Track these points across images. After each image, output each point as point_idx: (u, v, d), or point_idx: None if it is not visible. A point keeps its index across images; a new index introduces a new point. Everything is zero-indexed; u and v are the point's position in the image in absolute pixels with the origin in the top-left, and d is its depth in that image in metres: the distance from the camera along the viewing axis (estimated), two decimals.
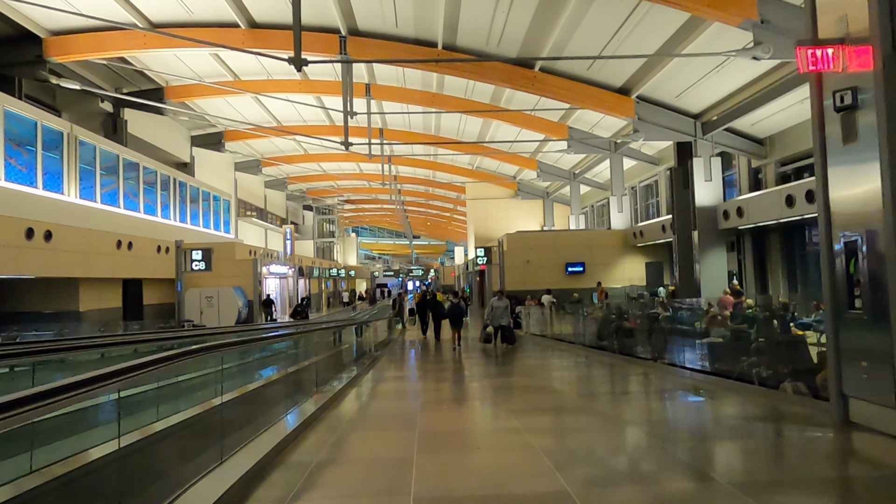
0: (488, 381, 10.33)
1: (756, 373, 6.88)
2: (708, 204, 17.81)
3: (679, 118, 18.15)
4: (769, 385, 6.62)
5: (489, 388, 9.39)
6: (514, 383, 10.00)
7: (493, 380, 10.49)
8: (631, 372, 10.01)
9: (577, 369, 11.45)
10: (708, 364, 8.29)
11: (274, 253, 28.46)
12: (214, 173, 31.44)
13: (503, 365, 12.30)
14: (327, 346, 10.27)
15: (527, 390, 9.07)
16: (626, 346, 11.23)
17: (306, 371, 7.96)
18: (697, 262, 17.83)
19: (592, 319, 13.54)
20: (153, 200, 22.90)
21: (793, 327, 13.13)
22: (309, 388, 7.58)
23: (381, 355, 13.92)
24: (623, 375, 9.97)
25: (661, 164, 24.47)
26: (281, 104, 26.10)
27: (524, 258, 24.40)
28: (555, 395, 8.62)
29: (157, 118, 25.50)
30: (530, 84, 17.80)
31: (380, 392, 9.27)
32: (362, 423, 6.84)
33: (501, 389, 9.17)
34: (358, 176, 40.32)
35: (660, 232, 21.31)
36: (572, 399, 8.35)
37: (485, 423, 7.12)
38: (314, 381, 7.83)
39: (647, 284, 24.09)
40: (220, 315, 22.68)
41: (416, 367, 13.09)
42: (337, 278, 44.46)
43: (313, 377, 7.89)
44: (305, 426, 5.93)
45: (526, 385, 9.70)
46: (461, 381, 10.59)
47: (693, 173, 17.90)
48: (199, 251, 18.07)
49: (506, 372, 11.47)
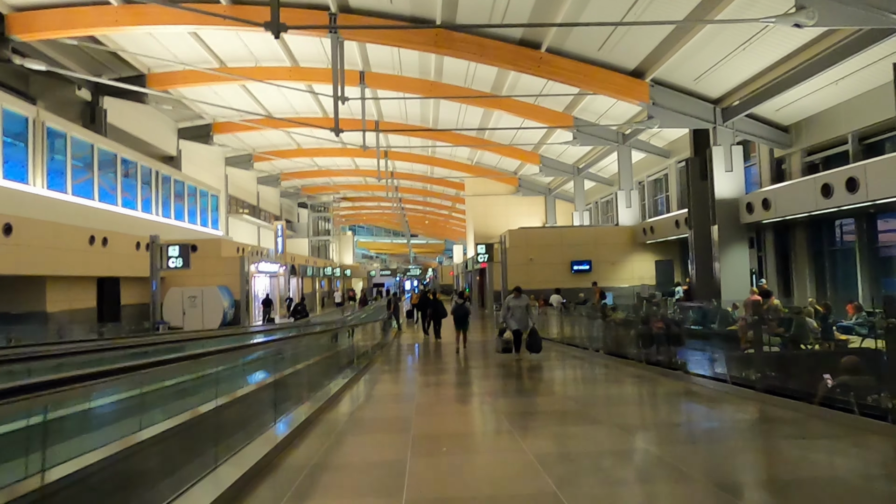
0: (500, 401, 8.27)
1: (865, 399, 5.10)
2: (729, 196, 16.27)
3: (697, 103, 16.61)
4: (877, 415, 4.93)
5: (502, 415, 7.27)
6: (534, 406, 7.90)
7: (506, 400, 8.48)
8: (673, 390, 8.18)
9: (606, 385, 9.66)
10: (772, 381, 6.64)
11: (264, 250, 26.85)
12: (203, 168, 29.86)
13: (515, 378, 10.40)
14: (294, 359, 8.62)
15: (553, 417, 6.98)
16: (652, 354, 9.69)
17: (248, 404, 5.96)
18: (717, 259, 16.30)
19: (610, 322, 11.97)
20: (132, 194, 21.32)
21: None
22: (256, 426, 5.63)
23: (371, 364, 12.09)
24: (669, 397, 7.97)
25: (672, 157, 22.96)
26: (270, 94, 24.55)
27: (527, 256, 22.86)
28: (595, 428, 6.29)
29: (140, 108, 23.91)
30: (536, 66, 16.25)
31: (357, 423, 6.86)
32: (327, 484, 4.65)
33: (518, 416, 7.15)
34: (354, 172, 38.74)
35: (673, 228, 19.78)
36: (620, 435, 5.95)
37: (504, 479, 4.65)
38: (257, 418, 5.81)
39: (656, 284, 22.55)
40: (205, 316, 21.11)
41: (410, 381, 10.97)
42: (332, 277, 42.86)
43: (264, 409, 6.05)
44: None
45: (550, 409, 7.64)
46: (465, 402, 8.80)
47: (712, 163, 16.37)
48: (176, 247, 16.46)
49: (520, 388, 9.55)
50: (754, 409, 6.54)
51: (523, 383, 9.92)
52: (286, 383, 6.80)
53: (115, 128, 22.86)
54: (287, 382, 6.75)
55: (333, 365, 9.40)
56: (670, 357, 9.51)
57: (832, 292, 15.52)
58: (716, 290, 16.28)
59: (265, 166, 36.39)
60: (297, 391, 6.99)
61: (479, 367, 12.05)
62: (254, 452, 4.78)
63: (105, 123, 22.11)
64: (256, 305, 25.49)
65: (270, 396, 6.17)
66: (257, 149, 32.60)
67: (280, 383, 6.41)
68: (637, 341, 9.92)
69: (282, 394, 6.34)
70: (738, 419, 6.44)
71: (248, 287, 22.66)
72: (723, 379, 7.35)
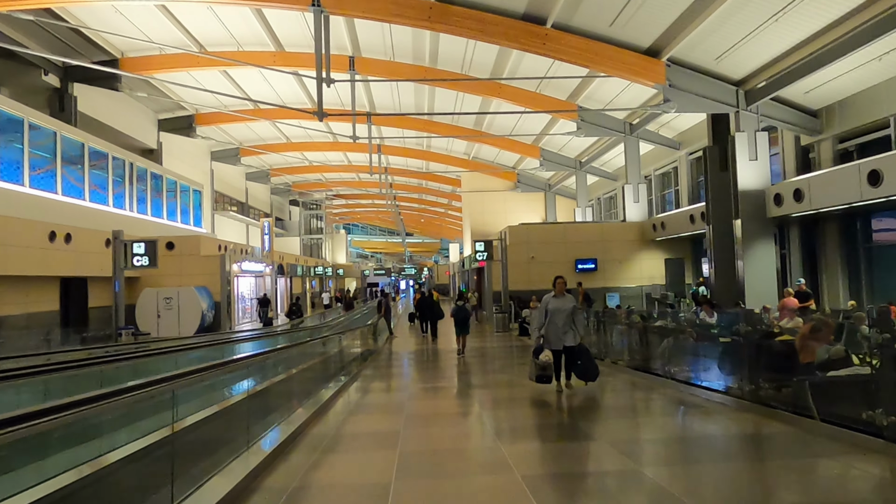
0: (525, 468, 4.91)
1: None
2: (753, 187, 14.59)
3: (718, 85, 14.93)
4: None
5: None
6: (584, 466, 5.16)
7: (538, 468, 5.20)
8: (745, 426, 5.90)
9: (648, 414, 7.48)
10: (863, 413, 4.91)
11: (248, 249, 25.05)
12: (187, 162, 28.06)
13: (535, 407, 7.56)
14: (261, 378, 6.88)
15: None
16: (685, 369, 7.98)
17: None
18: (740, 257, 14.61)
19: (635, 330, 10.24)
20: (103, 187, 19.50)
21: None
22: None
23: (349, 385, 9.64)
24: (757, 441, 5.68)
25: (683, 148, 21.29)
26: (254, 81, 22.84)
27: (528, 254, 21.15)
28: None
29: (115, 97, 22.11)
30: (541, 43, 14.53)
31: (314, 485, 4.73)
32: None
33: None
34: (346, 168, 36.94)
35: (686, 223, 18.11)
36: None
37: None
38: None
39: (666, 284, 20.91)
40: (181, 319, 19.33)
41: (399, 411, 7.77)
42: (324, 277, 41.04)
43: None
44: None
45: (615, 469, 4.90)
46: (474, 469, 5.20)
47: (735, 151, 14.69)
48: (142, 244, 14.65)
49: (545, 425, 6.82)
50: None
51: (583, 449, 5.82)
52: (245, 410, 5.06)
53: (88, 117, 21.08)
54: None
55: (292, 392, 7.56)
56: (701, 372, 7.83)
57: (868, 294, 13.87)
58: (738, 291, 14.62)
59: (253, 161, 34.57)
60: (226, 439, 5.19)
61: (503, 407, 8.20)
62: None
63: (75, 112, 20.31)
64: (241, 307, 23.72)
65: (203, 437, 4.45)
66: (244, 142, 30.80)
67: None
68: (668, 354, 8.19)
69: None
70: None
71: (229, 288, 20.87)
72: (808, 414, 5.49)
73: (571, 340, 8.03)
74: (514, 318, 19.25)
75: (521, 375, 9.24)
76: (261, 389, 6.18)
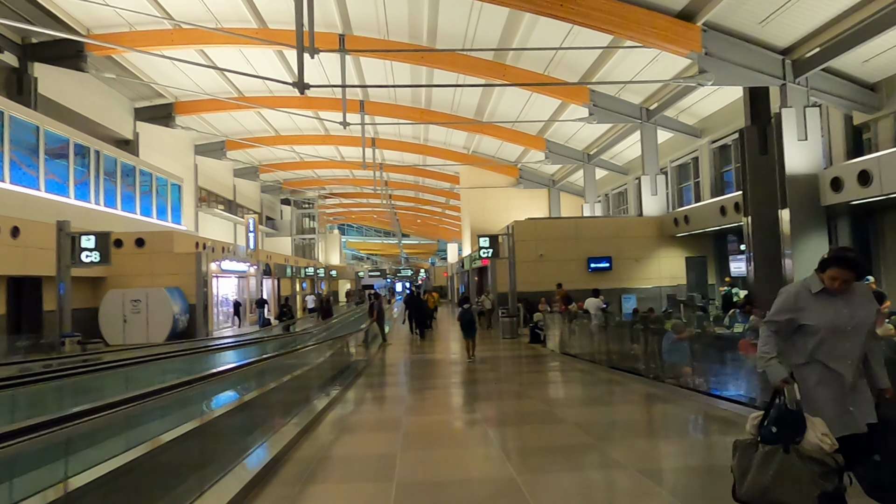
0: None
1: None
2: (803, 171, 12.42)
3: (762, 54, 12.77)
4: None
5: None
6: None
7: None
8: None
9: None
10: None
11: (230, 247, 22.72)
12: (167, 155, 25.75)
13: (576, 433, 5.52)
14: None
15: None
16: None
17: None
18: (787, 252, 12.42)
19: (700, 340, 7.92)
20: (63, 177, 17.19)
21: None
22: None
23: (323, 416, 6.91)
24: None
25: (705, 136, 19.15)
26: (235, 64, 20.55)
27: (536, 251, 18.94)
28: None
29: (84, 81, 19.82)
30: (558, 5, 12.36)
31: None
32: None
33: None
34: (339, 164, 34.65)
35: (715, 216, 15.93)
36: None
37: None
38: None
39: (687, 284, 18.73)
40: (150, 324, 17.03)
41: (384, 476, 4.67)
42: (315, 279, 38.69)
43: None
44: None
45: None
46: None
47: (781, 131, 12.52)
48: (91, 237, 12.31)
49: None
50: None
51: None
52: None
53: (51, 101, 18.78)
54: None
55: (256, 422, 5.33)
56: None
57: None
58: None
59: (241, 156, 32.30)
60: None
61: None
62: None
63: (35, 95, 18.01)
64: (219, 310, 21.38)
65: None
66: (230, 135, 28.49)
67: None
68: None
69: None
70: None
71: (206, 289, 18.56)
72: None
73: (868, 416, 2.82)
74: (523, 323, 17.03)
75: (554, 406, 6.87)
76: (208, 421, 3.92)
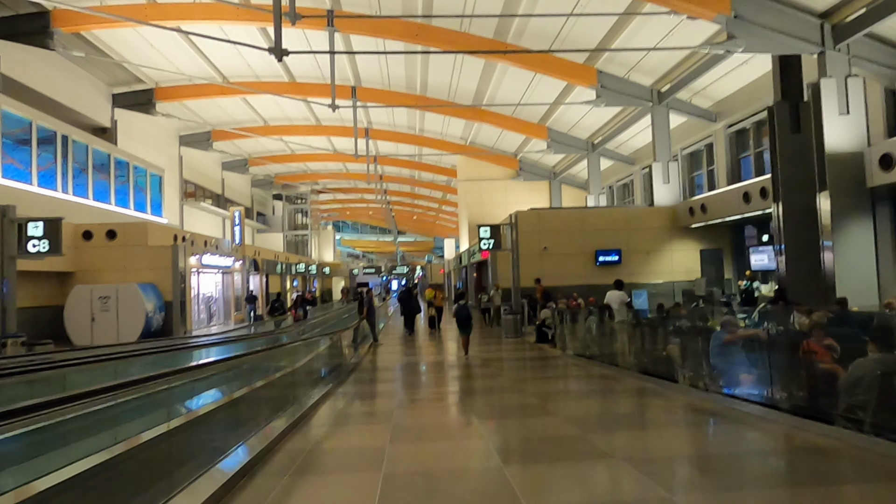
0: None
1: None
2: (845, 149, 10.94)
3: (797, 17, 11.28)
4: None
5: None
6: None
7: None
8: None
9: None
10: None
11: (212, 240, 21.11)
12: (149, 145, 24.13)
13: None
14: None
15: None
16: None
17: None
18: (827, 245, 10.93)
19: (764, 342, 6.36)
20: (24, 162, 15.59)
21: None
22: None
23: (301, 424, 5.77)
24: None
25: (720, 121, 17.67)
26: (218, 47, 18.96)
27: (540, 244, 17.42)
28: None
29: (55, 62, 18.23)
30: None
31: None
32: None
33: None
34: (332, 157, 33.02)
35: (738, 203, 14.42)
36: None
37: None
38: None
39: (706, 278, 17.23)
40: (120, 323, 15.44)
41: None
42: (307, 275, 37.07)
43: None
44: None
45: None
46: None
47: (820, 104, 11.03)
48: (39, 224, 10.73)
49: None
50: None
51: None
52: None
53: (17, 83, 17.12)
54: None
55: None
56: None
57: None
58: (823, 286, 10.94)
59: (229, 148, 30.66)
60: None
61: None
62: None
63: None
64: (199, 308, 19.77)
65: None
66: (216, 124, 26.86)
67: None
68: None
69: None
70: None
71: (183, 285, 16.97)
72: None
73: None
74: (527, 321, 15.51)
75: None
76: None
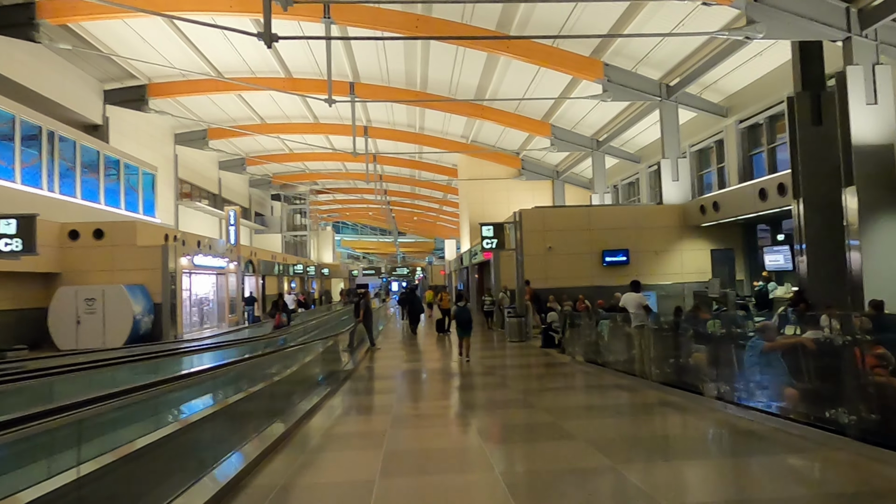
0: None
1: None
2: (874, 141, 10.21)
3: (821, 1, 10.55)
4: None
5: None
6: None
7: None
8: None
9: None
10: None
11: (205, 240, 20.37)
12: (143, 143, 23.42)
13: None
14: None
15: None
16: None
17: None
18: (854, 245, 10.18)
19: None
20: (7, 158, 14.87)
21: None
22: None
23: (285, 443, 5.21)
24: None
25: (732, 116, 16.94)
26: (212, 42, 18.28)
27: (544, 244, 16.69)
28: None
29: (45, 58, 17.62)
30: None
31: None
32: None
33: None
34: (330, 156, 32.32)
35: (754, 201, 13.69)
36: None
37: None
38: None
39: (719, 279, 16.48)
40: (107, 326, 14.72)
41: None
42: (305, 277, 36.32)
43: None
44: None
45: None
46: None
47: (846, 93, 10.30)
48: (12, 221, 10.00)
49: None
50: None
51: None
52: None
53: (1, 77, 16.46)
54: None
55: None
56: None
57: None
58: (849, 288, 10.20)
59: (226, 146, 29.93)
60: None
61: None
62: None
63: None
64: (190, 311, 19.01)
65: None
66: (212, 122, 26.15)
67: None
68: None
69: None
70: None
71: (174, 287, 16.23)
72: None
73: None
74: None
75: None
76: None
